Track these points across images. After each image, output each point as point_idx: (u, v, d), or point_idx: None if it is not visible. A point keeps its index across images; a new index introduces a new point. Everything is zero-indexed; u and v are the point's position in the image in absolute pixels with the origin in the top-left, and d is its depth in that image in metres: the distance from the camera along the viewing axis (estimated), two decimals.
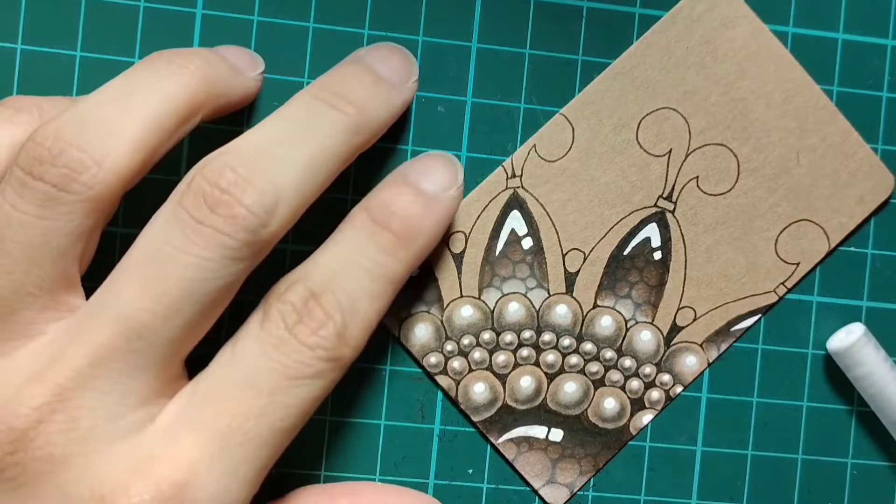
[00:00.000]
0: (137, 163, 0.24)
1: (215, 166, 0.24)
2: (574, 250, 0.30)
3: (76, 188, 0.24)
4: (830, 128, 0.31)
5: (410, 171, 0.27)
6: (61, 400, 0.23)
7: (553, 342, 0.30)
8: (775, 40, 0.31)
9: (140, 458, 0.23)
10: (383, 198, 0.26)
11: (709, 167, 0.30)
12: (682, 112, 0.30)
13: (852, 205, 0.31)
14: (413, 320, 0.30)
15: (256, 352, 0.24)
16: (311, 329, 0.24)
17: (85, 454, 0.23)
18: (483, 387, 0.30)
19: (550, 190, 0.30)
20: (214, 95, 0.26)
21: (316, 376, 0.24)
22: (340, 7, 0.30)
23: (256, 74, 0.28)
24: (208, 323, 0.25)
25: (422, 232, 0.26)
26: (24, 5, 0.29)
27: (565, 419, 0.30)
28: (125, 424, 0.24)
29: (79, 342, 0.23)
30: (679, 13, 0.30)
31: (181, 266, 0.23)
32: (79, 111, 0.24)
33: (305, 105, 0.26)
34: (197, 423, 0.24)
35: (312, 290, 0.25)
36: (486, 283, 0.30)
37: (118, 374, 0.24)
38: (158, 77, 0.25)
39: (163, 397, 0.25)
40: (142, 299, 0.23)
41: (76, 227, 0.24)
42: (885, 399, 0.30)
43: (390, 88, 0.27)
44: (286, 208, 0.24)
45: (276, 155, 0.24)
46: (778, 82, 0.31)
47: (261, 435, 0.24)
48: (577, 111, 0.30)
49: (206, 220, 0.23)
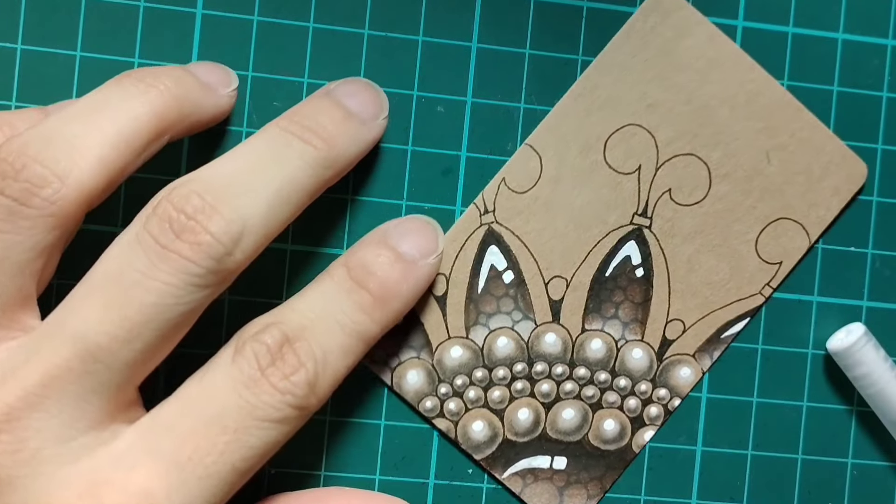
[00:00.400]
0: (101, 180, 0.24)
1: (182, 192, 0.24)
2: (556, 278, 0.30)
3: (37, 203, 0.24)
4: (797, 123, 0.31)
5: (393, 233, 0.28)
6: (9, 420, 0.23)
7: (546, 371, 0.30)
8: (731, 43, 0.30)
9: (91, 482, 0.23)
10: (363, 257, 0.27)
11: (680, 178, 0.30)
12: (647, 126, 0.30)
13: (828, 197, 0.31)
14: (404, 367, 0.30)
15: (226, 388, 0.24)
16: (284, 373, 0.24)
17: (31, 476, 0.23)
18: (482, 424, 0.30)
19: (525, 221, 0.30)
20: (184, 115, 0.26)
21: (281, 421, 0.24)
22: (340, 7, 0.30)
23: (229, 91, 0.28)
24: (167, 349, 0.25)
25: (398, 295, 0.26)
26: (24, 5, 0.29)
27: (567, 446, 0.30)
28: (75, 447, 0.24)
29: (34, 361, 0.23)
30: (632, 28, 0.30)
31: (144, 291, 0.23)
32: (45, 128, 0.24)
33: (275, 136, 0.26)
34: (157, 451, 0.24)
35: (288, 334, 0.25)
36: (472, 322, 0.30)
37: (70, 396, 0.23)
38: (127, 96, 0.25)
39: (115, 422, 0.24)
40: (101, 322, 0.23)
41: (37, 242, 0.24)
42: (885, 399, 0.30)
43: (360, 124, 0.28)
44: (251, 238, 0.24)
45: (244, 184, 0.25)
46: (739, 84, 0.30)
47: (220, 472, 0.24)
48: (541, 139, 0.30)
49: (171, 246, 0.24)
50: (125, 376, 0.24)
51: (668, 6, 0.30)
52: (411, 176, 0.30)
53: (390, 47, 0.30)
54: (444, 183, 0.30)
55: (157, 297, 0.23)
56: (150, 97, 0.25)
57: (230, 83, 0.28)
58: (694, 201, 0.30)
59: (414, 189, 0.30)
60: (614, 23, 0.30)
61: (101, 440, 0.24)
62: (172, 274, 0.23)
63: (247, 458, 0.24)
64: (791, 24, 0.31)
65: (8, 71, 0.29)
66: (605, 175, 0.30)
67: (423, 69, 0.30)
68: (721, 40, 0.30)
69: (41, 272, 0.25)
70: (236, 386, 0.24)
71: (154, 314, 0.23)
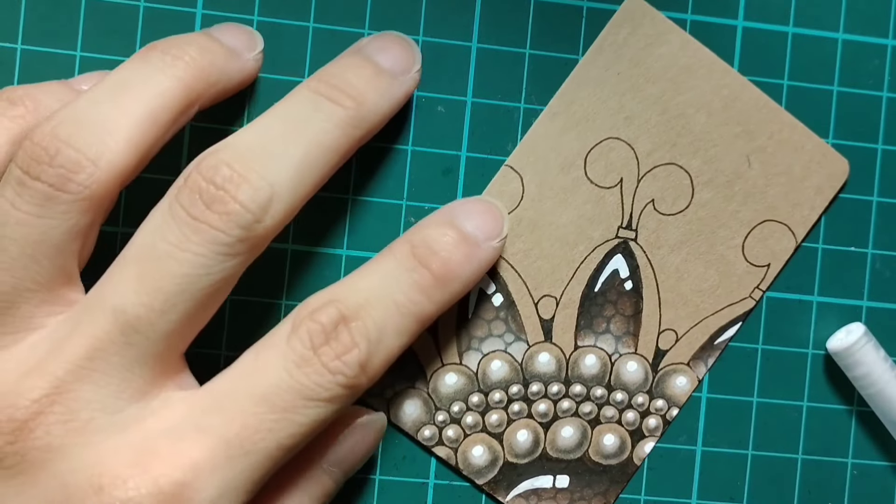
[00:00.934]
0: (133, 160, 0.25)
1: (211, 163, 0.24)
2: (545, 297, 0.30)
3: (73, 188, 0.24)
4: (775, 125, 0.31)
5: (459, 213, 0.27)
6: (60, 392, 0.24)
7: (542, 391, 0.30)
8: (704, 49, 0.30)
9: (141, 452, 0.24)
10: (429, 235, 0.27)
11: (663, 188, 0.30)
12: (625, 139, 0.30)
13: (812, 196, 0.31)
14: (400, 398, 0.30)
15: (278, 367, 0.24)
16: (336, 353, 0.24)
17: (83, 445, 0.24)
18: (481, 449, 0.30)
19: (510, 242, 0.30)
20: (210, 83, 0.26)
21: (330, 400, 0.24)
22: (340, 7, 0.30)
23: (255, 54, 0.28)
24: (205, 317, 0.25)
25: (459, 277, 0.26)
26: (24, 5, 0.29)
27: (568, 464, 0.30)
28: (123, 417, 0.24)
29: (76, 335, 0.24)
30: (605, 41, 0.30)
31: (176, 262, 0.24)
32: (74, 109, 0.25)
33: (303, 99, 0.26)
34: (205, 426, 0.24)
35: (344, 313, 0.25)
36: (464, 347, 0.30)
37: (115, 367, 0.24)
38: (152, 71, 0.25)
39: (164, 390, 0.25)
40: (137, 294, 0.24)
41: (73, 224, 0.24)
42: (885, 399, 0.30)
43: (391, 79, 0.27)
44: (281, 204, 0.25)
45: (271, 151, 0.25)
46: (714, 90, 0.30)
47: (267, 449, 0.24)
48: (521, 160, 0.30)
49: (202, 217, 0.24)
50: (165, 346, 0.24)
51: (638, 16, 0.30)
52: (411, 176, 0.30)
53: None
54: (445, 183, 0.30)
55: (189, 269, 0.24)
56: (176, 71, 0.26)
57: (256, 46, 0.28)
58: (678, 210, 0.30)
59: (414, 189, 0.30)
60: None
61: (151, 410, 0.24)
62: (202, 244, 0.24)
63: (294, 435, 0.24)
64: (791, 24, 0.31)
65: (8, 71, 0.29)
66: (588, 191, 0.30)
67: (423, 69, 0.30)
68: (694, 47, 0.30)
69: (80, 251, 0.25)
70: (288, 365, 0.24)
71: (187, 285, 0.24)
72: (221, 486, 0.24)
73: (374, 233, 0.30)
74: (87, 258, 0.26)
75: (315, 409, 0.24)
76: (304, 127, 0.25)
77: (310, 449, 0.27)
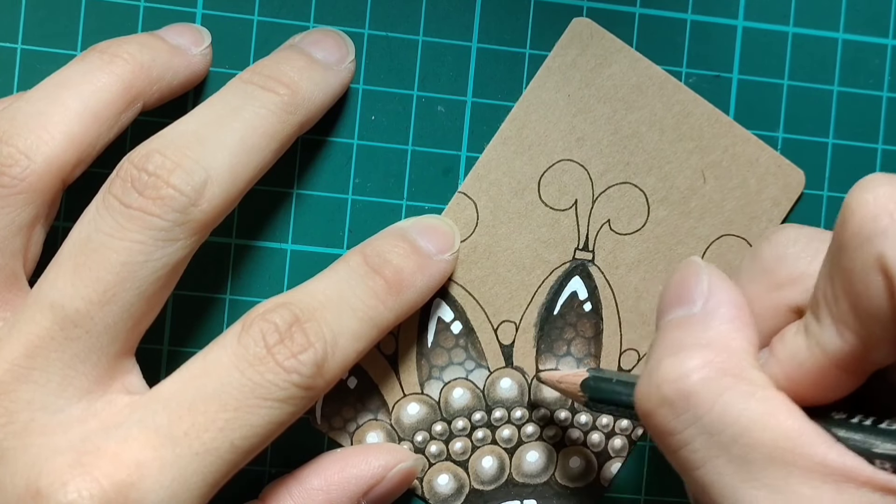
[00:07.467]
0: (71, 154, 0.25)
1: (143, 152, 0.24)
2: (504, 322, 0.30)
3: (6, 181, 0.24)
4: (728, 139, 0.30)
5: (410, 229, 0.28)
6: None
7: (505, 417, 0.30)
8: (654, 66, 0.30)
9: (82, 452, 0.23)
10: (380, 245, 0.27)
11: (618, 208, 0.30)
12: (578, 160, 0.30)
13: (769, 208, 0.31)
14: (363, 430, 0.30)
15: (229, 365, 0.24)
16: (291, 352, 0.24)
17: (22, 447, 0.23)
18: (447, 478, 0.30)
19: (467, 269, 0.30)
20: (153, 80, 0.26)
21: (285, 400, 0.24)
22: (340, 7, 0.30)
23: (202, 49, 0.28)
24: (150, 311, 0.25)
25: (412, 286, 0.27)
26: (24, 5, 0.29)
27: (535, 488, 0.30)
28: (65, 417, 0.24)
29: (14, 334, 0.24)
30: (553, 63, 0.30)
31: (113, 251, 0.24)
32: (12, 108, 0.25)
33: (236, 89, 0.26)
34: (152, 424, 0.23)
35: (298, 315, 0.25)
36: (425, 377, 0.30)
37: (55, 364, 0.24)
38: (91, 68, 0.26)
39: (109, 392, 0.24)
40: (75, 287, 0.24)
41: (11, 220, 0.24)
42: None
43: (324, 70, 0.28)
44: (218, 188, 0.25)
45: (204, 136, 0.25)
46: (666, 107, 0.30)
47: (218, 449, 0.23)
48: (474, 186, 0.30)
49: (135, 204, 0.24)
50: (109, 340, 0.24)
51: (586, 37, 0.30)
52: (411, 176, 0.30)
53: (390, 47, 0.30)
54: (445, 183, 0.30)
55: (126, 256, 0.24)
56: (114, 67, 0.26)
57: (202, 42, 0.28)
58: (634, 229, 0.30)
59: (414, 189, 0.30)
60: (614, 23, 0.30)
61: (94, 410, 0.24)
62: (139, 231, 0.24)
63: (247, 436, 0.24)
64: (791, 24, 0.31)
65: (8, 71, 0.29)
66: (542, 214, 0.30)
67: (423, 69, 0.30)
68: (643, 65, 0.30)
69: (24, 251, 0.25)
70: (240, 363, 0.24)
71: (127, 273, 0.24)
72: (171, 488, 0.23)
73: (374, 233, 0.29)
74: (34, 262, 0.25)
75: (269, 409, 0.24)
76: (239, 113, 0.26)
77: (351, 484, 0.27)
